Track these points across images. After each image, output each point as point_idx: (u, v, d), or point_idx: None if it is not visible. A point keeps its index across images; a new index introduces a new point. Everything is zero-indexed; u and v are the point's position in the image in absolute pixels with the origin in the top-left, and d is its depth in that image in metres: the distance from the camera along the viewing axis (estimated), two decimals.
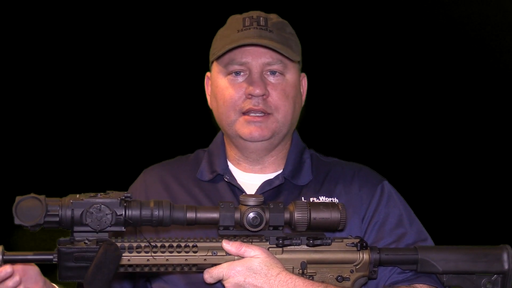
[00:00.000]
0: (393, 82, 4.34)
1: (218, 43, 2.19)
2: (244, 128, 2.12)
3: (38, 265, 1.83)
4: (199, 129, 2.23)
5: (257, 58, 2.12)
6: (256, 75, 2.11)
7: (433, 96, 4.38)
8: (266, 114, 2.11)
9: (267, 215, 1.86)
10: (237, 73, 2.13)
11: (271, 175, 2.20)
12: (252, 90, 2.09)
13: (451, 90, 4.39)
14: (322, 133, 4.07)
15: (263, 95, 2.10)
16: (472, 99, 4.38)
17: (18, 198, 1.74)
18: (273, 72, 2.13)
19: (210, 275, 1.85)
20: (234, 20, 2.20)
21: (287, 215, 1.87)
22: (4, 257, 1.76)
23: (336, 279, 1.93)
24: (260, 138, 2.12)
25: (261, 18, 2.16)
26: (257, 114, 2.11)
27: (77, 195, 1.77)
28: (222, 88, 2.15)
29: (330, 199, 2.15)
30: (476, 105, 4.37)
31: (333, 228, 1.89)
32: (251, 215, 1.84)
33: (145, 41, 4.25)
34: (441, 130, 4.35)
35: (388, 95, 4.35)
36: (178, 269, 1.86)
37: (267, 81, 2.12)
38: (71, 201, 1.75)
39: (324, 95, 4.11)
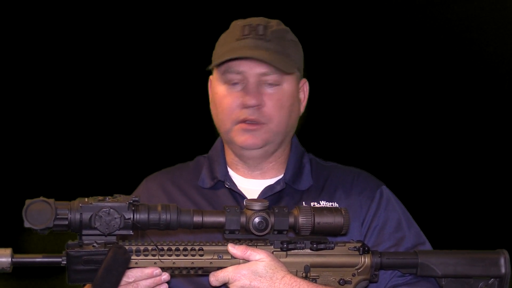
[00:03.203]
0: (391, 87, 4.38)
1: (219, 49, 2.21)
2: (239, 136, 2.15)
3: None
4: (201, 134, 2.25)
5: (253, 68, 2.13)
6: (252, 85, 2.13)
7: (430, 100, 4.42)
8: (260, 123, 2.13)
9: (272, 220, 1.89)
10: (234, 83, 2.16)
11: (272, 181, 2.22)
12: (247, 101, 2.11)
13: (448, 95, 4.43)
14: (321, 138, 4.10)
15: (257, 105, 2.12)
16: (468, 106, 4.42)
17: (27, 202, 1.75)
18: (269, 84, 2.14)
19: (215, 278, 1.87)
20: (236, 28, 2.21)
21: (291, 220, 1.90)
22: (13, 259, 1.78)
23: (338, 282, 1.96)
24: (252, 146, 2.15)
25: (261, 27, 2.16)
26: (252, 123, 2.14)
27: (86, 199, 1.79)
28: (220, 95, 2.18)
29: (330, 203, 2.18)
30: (472, 112, 4.41)
31: (336, 232, 1.92)
32: (257, 219, 1.87)
33: (148, 48, 4.27)
34: (439, 135, 4.39)
35: (386, 100, 4.39)
36: (184, 272, 1.88)
37: (263, 90, 2.13)
38: (80, 204, 1.77)
39: (324, 100, 4.14)
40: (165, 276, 1.86)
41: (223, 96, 2.17)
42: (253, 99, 2.11)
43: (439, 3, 4.41)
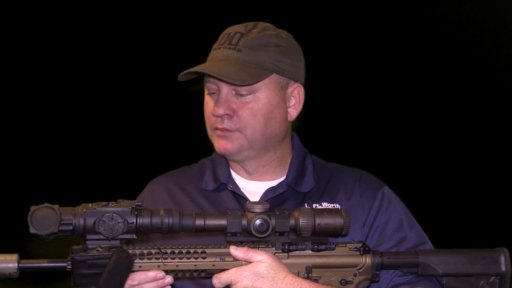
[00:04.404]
0: (392, 87, 4.39)
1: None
2: (215, 142, 2.19)
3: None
4: (206, 136, 2.27)
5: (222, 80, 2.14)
6: (222, 95, 2.15)
7: (431, 100, 4.43)
8: (232, 131, 2.15)
9: (273, 222, 1.91)
10: (212, 92, 2.19)
11: (274, 182, 2.24)
12: (215, 111, 2.14)
13: (448, 96, 4.44)
14: (322, 138, 4.11)
15: (226, 115, 2.14)
16: (468, 106, 4.44)
17: (32, 208, 1.78)
18: (242, 93, 2.15)
19: (218, 280, 1.90)
20: (221, 35, 2.23)
21: (292, 221, 1.93)
22: (20, 265, 1.81)
23: (340, 282, 1.98)
24: (225, 152, 2.17)
25: (237, 35, 2.17)
26: (224, 130, 2.17)
27: (90, 204, 1.82)
28: (204, 103, 2.23)
29: (332, 205, 2.20)
30: (472, 112, 4.42)
31: (336, 233, 1.94)
32: (258, 221, 1.90)
33: (151, 51, 4.30)
34: (440, 135, 4.39)
35: (387, 100, 4.40)
36: (187, 274, 1.91)
37: (235, 100, 2.15)
38: (84, 210, 1.80)
39: (325, 100, 4.16)
40: (169, 279, 1.89)
41: (205, 104, 2.22)
42: (219, 109, 2.14)
43: (438, 3, 4.42)
